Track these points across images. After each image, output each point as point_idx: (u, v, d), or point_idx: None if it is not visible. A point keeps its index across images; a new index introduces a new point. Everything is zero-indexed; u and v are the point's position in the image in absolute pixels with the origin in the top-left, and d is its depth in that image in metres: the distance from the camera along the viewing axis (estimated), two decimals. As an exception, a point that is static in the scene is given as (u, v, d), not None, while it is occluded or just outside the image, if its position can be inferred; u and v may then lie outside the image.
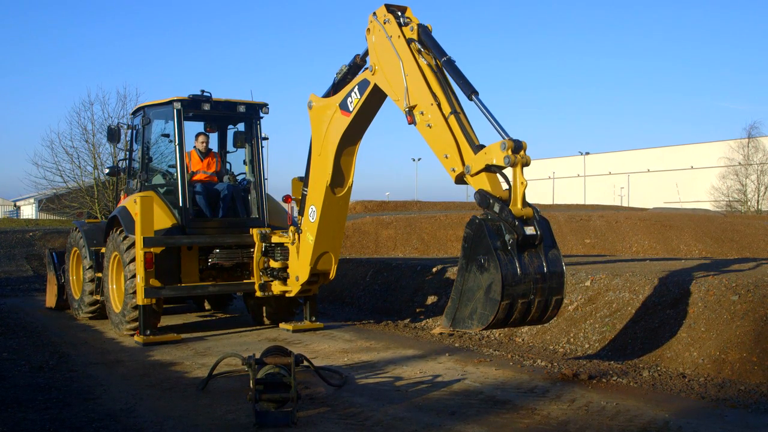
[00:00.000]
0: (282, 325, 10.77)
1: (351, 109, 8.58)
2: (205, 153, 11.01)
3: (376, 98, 8.40)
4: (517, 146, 6.39)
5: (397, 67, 7.60)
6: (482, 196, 6.51)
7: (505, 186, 6.62)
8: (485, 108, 6.78)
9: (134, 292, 9.58)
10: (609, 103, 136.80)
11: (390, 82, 7.82)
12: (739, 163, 52.64)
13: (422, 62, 7.43)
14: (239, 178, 11.39)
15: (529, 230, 6.32)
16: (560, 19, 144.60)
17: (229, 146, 11.79)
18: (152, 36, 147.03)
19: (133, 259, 9.62)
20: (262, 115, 11.10)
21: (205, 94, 10.57)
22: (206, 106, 10.57)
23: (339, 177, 9.20)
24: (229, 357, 7.19)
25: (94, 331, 10.89)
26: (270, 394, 5.78)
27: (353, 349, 8.94)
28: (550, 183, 75.70)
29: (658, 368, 7.52)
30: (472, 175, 6.73)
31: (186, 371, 7.84)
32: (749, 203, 50.96)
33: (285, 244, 10.06)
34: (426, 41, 7.50)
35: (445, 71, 7.29)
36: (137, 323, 9.67)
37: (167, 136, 11.01)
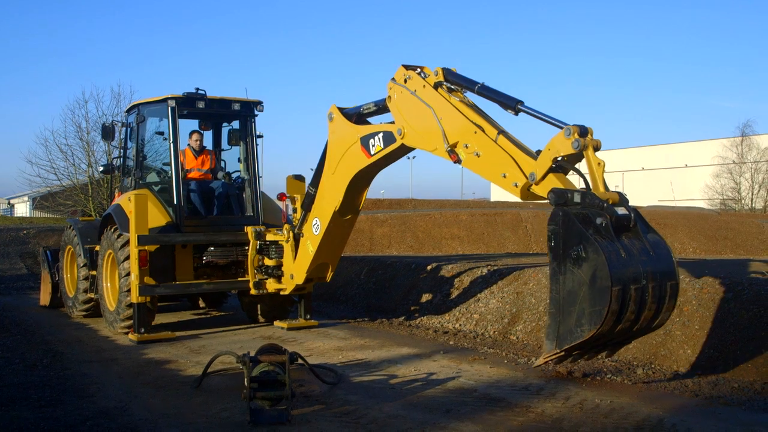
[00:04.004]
0: (276, 323, 10.76)
1: (372, 153, 8.27)
2: (200, 151, 10.99)
3: (399, 153, 8.21)
4: (583, 130, 5.92)
5: (428, 117, 7.27)
6: (557, 193, 5.88)
7: (578, 186, 6.03)
8: (536, 111, 6.44)
9: (128, 290, 9.56)
10: (603, 102, 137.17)
11: (423, 137, 7.47)
12: (733, 162, 52.81)
13: (454, 101, 7.16)
14: (234, 175, 11.37)
15: (621, 210, 5.69)
16: (556, 19, 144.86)
17: (224, 144, 11.77)
18: (147, 34, 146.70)
19: (128, 257, 9.60)
20: (256, 112, 11.07)
21: (199, 91, 10.54)
22: (201, 104, 10.54)
23: (348, 204, 9.09)
24: (223, 355, 7.18)
25: (88, 329, 10.86)
26: (265, 392, 5.78)
27: (348, 347, 8.94)
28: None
29: (652, 366, 7.54)
30: (538, 183, 6.16)
31: (180, 369, 7.82)
32: (743, 201, 51.13)
33: (280, 242, 10.05)
34: (453, 79, 7.26)
35: (482, 97, 6.97)
36: (131, 321, 9.65)
37: (162, 134, 10.98)
